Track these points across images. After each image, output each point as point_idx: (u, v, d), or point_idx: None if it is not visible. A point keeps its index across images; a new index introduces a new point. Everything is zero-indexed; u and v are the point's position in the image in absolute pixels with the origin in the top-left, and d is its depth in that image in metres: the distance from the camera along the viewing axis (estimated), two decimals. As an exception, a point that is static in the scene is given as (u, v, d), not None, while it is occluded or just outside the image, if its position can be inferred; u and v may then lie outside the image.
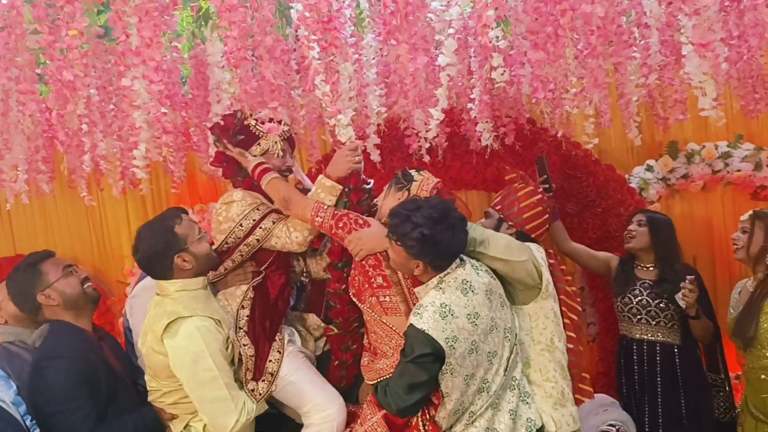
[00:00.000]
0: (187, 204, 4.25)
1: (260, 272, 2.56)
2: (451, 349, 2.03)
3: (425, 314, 2.06)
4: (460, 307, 2.07)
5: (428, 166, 3.68)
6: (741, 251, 2.89)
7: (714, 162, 3.88)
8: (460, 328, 2.05)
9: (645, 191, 3.91)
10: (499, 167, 3.79)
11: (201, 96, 2.92)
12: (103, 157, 3.04)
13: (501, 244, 2.29)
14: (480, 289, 2.13)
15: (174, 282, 2.38)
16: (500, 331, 2.17)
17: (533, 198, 2.57)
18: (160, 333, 2.28)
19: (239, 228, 2.46)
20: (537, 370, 2.41)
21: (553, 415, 2.39)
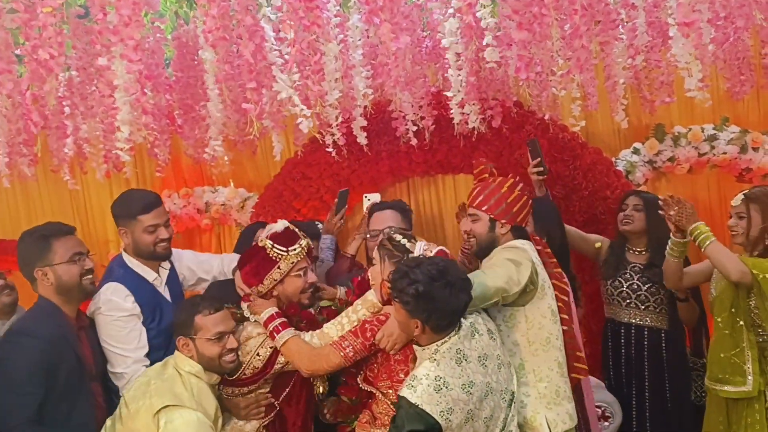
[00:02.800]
0: (173, 188, 4.21)
1: (274, 407, 2.41)
2: (447, 422, 1.99)
3: (419, 388, 2.01)
4: (454, 378, 2.03)
5: (415, 149, 3.69)
6: (740, 237, 2.85)
7: (700, 145, 3.89)
8: (455, 400, 2.01)
9: (631, 174, 3.92)
10: (487, 151, 3.79)
11: (185, 78, 2.88)
12: (85, 140, 3.00)
13: (500, 283, 2.26)
14: (473, 357, 2.09)
15: (191, 363, 2.31)
16: (496, 394, 2.13)
17: (517, 189, 2.53)
18: (156, 409, 2.19)
19: (257, 358, 2.33)
20: (530, 371, 2.40)
21: (547, 415, 2.38)
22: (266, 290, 2.37)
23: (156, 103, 3.07)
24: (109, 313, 2.54)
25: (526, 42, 2.27)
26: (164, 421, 2.17)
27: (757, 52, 3.35)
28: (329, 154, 3.48)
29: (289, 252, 2.35)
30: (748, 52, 3.09)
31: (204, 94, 2.82)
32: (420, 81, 3.00)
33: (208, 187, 4.20)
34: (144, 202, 2.65)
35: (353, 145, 3.64)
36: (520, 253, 2.41)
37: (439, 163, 3.88)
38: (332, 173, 3.84)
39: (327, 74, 2.36)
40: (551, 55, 2.62)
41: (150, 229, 2.61)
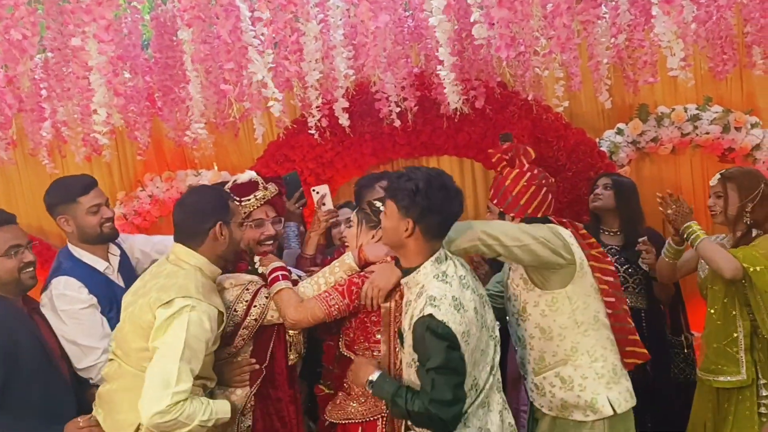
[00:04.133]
0: (155, 171, 4.17)
1: (262, 372, 2.36)
2: (466, 344, 1.96)
3: (443, 307, 1.94)
4: (467, 301, 2.01)
5: (399, 131, 3.67)
6: (720, 216, 2.85)
7: (683, 125, 3.90)
8: (470, 322, 1.99)
9: (615, 155, 3.92)
10: (470, 132, 3.78)
11: (163, 59, 2.84)
12: (63, 122, 2.96)
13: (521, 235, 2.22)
14: (469, 287, 2.08)
15: (196, 255, 2.20)
16: (488, 329, 2.12)
17: (522, 181, 2.42)
18: (160, 303, 2.08)
19: (234, 314, 2.29)
20: (584, 353, 2.34)
21: (608, 395, 2.32)
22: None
23: (135, 85, 3.04)
24: (65, 308, 2.43)
25: (507, 20, 2.25)
26: (170, 312, 2.04)
27: (740, 31, 3.35)
28: (312, 137, 3.47)
29: (242, 202, 2.35)
30: (731, 30, 3.08)
31: (184, 75, 2.79)
32: (402, 61, 2.97)
33: (191, 170, 4.17)
34: (82, 184, 2.56)
35: (336, 127, 3.62)
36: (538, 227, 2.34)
37: (423, 145, 3.87)
38: (315, 156, 3.82)
39: (306, 55, 2.34)
40: (533, 34, 2.60)
41: (93, 209, 2.53)
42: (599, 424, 2.33)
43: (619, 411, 2.33)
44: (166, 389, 1.99)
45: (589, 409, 2.32)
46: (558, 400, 2.37)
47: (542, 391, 2.42)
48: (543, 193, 2.43)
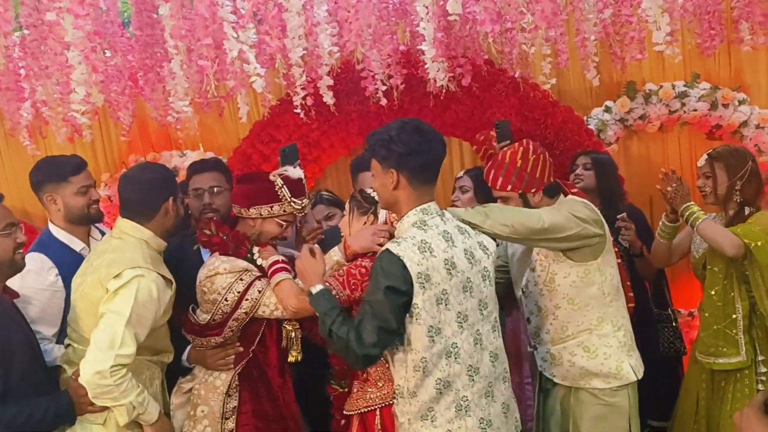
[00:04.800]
0: (140, 153, 4.13)
1: (247, 354, 2.34)
2: (421, 288, 1.89)
3: (403, 243, 1.92)
4: (439, 249, 1.94)
5: (385, 109, 3.64)
6: (710, 196, 2.85)
7: (671, 102, 3.88)
8: (434, 268, 1.91)
9: (603, 133, 3.91)
10: (458, 111, 3.75)
11: (144, 36, 2.79)
12: (43, 102, 2.91)
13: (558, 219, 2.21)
14: (459, 245, 2.00)
15: (142, 229, 2.23)
16: (475, 298, 2.00)
17: (529, 156, 2.39)
18: (110, 277, 2.10)
19: (225, 303, 2.26)
20: (608, 322, 2.38)
21: (630, 362, 2.38)
22: (245, 216, 2.34)
23: (116, 64, 2.99)
24: (29, 285, 2.39)
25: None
26: (120, 283, 2.07)
27: (728, 6, 3.33)
28: (298, 116, 3.43)
29: (292, 202, 2.31)
30: (719, 5, 3.06)
31: (166, 53, 2.74)
32: (387, 38, 2.93)
33: (176, 151, 4.12)
34: (74, 164, 2.55)
35: (322, 106, 3.58)
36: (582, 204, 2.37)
37: (410, 124, 3.82)
38: (301, 135, 3.78)
39: (290, 31, 2.30)
40: (519, 9, 2.58)
41: (82, 190, 2.52)
42: (623, 391, 2.38)
43: (639, 377, 2.40)
44: (110, 351, 2.03)
45: (612, 377, 2.37)
46: (577, 369, 2.39)
47: (559, 360, 2.43)
48: (548, 159, 2.46)
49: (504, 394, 2.07)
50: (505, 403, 2.08)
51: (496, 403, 2.04)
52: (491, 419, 2.01)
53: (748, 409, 1.12)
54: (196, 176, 2.68)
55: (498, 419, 2.03)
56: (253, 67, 2.14)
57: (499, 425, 2.02)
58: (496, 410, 2.03)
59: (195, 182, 2.67)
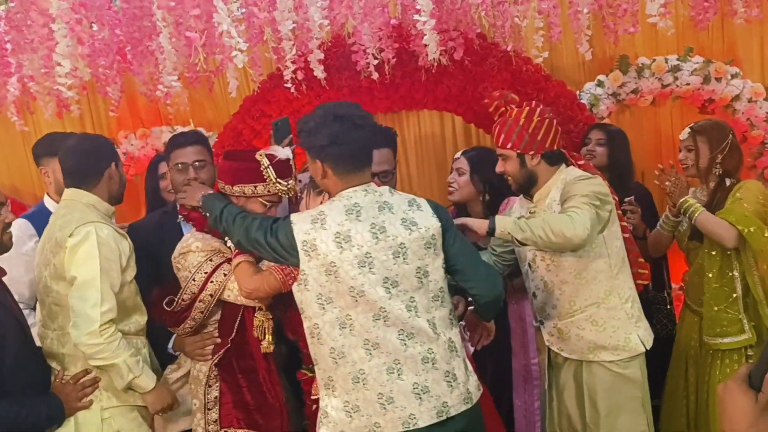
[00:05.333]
0: (129, 128, 4.09)
1: (226, 343, 2.29)
2: (306, 255, 1.91)
3: (305, 213, 1.99)
4: (334, 222, 1.92)
5: (377, 84, 3.61)
6: (691, 169, 2.89)
7: (664, 76, 3.87)
8: (323, 240, 1.90)
9: (595, 107, 3.90)
10: (450, 85, 3.72)
11: (131, 9, 2.74)
12: (30, 77, 2.87)
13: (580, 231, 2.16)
14: (366, 221, 1.93)
15: (88, 194, 2.29)
16: (378, 275, 1.91)
17: (535, 116, 2.39)
18: (65, 237, 2.16)
19: (192, 283, 2.24)
20: (616, 294, 2.39)
21: (639, 333, 2.40)
22: (229, 194, 2.29)
23: (103, 38, 2.94)
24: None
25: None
26: (77, 239, 2.13)
27: (721, -22, 3.31)
28: (289, 91, 3.40)
29: (277, 182, 2.26)
30: (712, -23, 3.04)
31: (154, 27, 2.70)
32: (378, 11, 2.90)
33: (166, 127, 4.09)
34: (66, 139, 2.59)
35: (313, 80, 3.55)
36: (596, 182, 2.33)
37: (402, 99, 3.80)
38: (292, 110, 3.73)
39: (279, 3, 2.26)
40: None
41: None
42: (634, 361, 2.40)
43: (648, 347, 2.42)
44: (93, 310, 2.09)
45: (620, 349, 2.38)
46: (586, 343, 2.40)
47: (566, 335, 2.44)
48: (555, 126, 2.44)
49: (421, 374, 1.94)
50: (420, 384, 1.94)
51: (404, 382, 1.93)
52: (393, 396, 1.92)
53: (731, 382, 1.11)
54: (177, 150, 2.64)
55: (404, 398, 1.92)
56: (235, 41, 2.10)
57: (404, 404, 1.92)
58: (401, 388, 1.92)
59: (177, 156, 2.63)
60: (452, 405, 1.96)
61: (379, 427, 1.92)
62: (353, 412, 1.94)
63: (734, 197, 2.73)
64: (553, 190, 2.42)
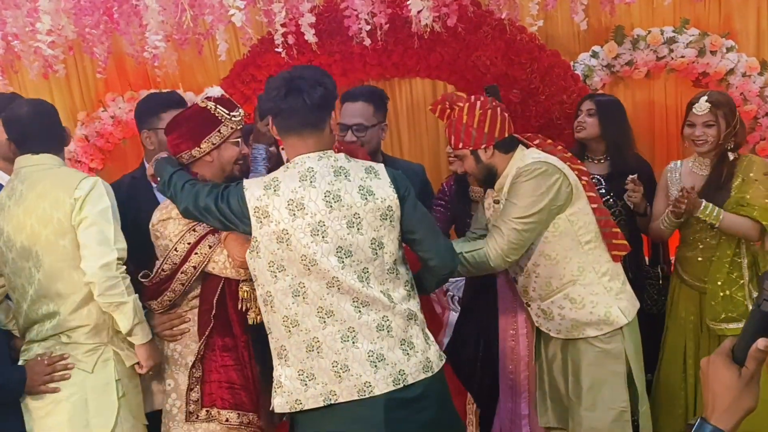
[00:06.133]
0: (117, 90, 4.03)
1: (209, 321, 2.19)
2: (258, 222, 1.89)
3: (258, 180, 1.98)
4: (287, 189, 1.90)
5: (369, 50, 3.56)
6: (708, 145, 2.76)
7: (659, 48, 3.83)
8: (275, 207, 1.89)
9: (589, 78, 3.86)
10: (443, 53, 3.67)
11: (118, -32, 2.68)
12: (15, 35, 2.80)
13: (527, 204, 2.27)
14: (320, 188, 1.90)
15: (57, 158, 2.26)
16: (331, 244, 1.89)
17: (476, 111, 2.36)
18: (72, 189, 2.14)
19: (174, 253, 2.16)
20: (590, 270, 2.37)
21: (619, 306, 2.38)
22: (200, 155, 2.22)
23: (89, -4, 2.87)
24: None
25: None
26: (84, 190, 2.14)
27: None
28: (279, 55, 3.35)
29: (232, 117, 2.22)
30: (711, -53, 2.99)
31: (141, -15, 2.64)
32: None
33: (154, 90, 4.02)
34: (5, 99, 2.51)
35: (304, 45, 3.50)
36: (540, 179, 2.31)
37: (395, 65, 3.76)
38: (283, 75, 3.69)
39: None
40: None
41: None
42: (617, 336, 2.40)
43: (630, 318, 2.41)
44: (108, 245, 2.10)
45: (602, 323, 2.38)
46: (568, 321, 2.41)
47: (550, 315, 2.45)
48: (500, 114, 2.40)
49: (376, 341, 1.91)
50: (375, 352, 1.91)
51: (359, 350, 1.90)
52: (348, 364, 1.89)
53: (714, 356, 1.12)
54: (165, 114, 2.55)
55: (360, 366, 1.89)
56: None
57: (360, 372, 1.89)
58: (356, 356, 1.90)
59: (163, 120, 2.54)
60: (410, 373, 1.93)
61: (335, 395, 1.90)
62: (308, 380, 1.92)
63: (746, 177, 2.68)
64: (508, 178, 2.39)
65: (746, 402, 1.07)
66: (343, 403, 1.89)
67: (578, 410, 2.42)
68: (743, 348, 1.07)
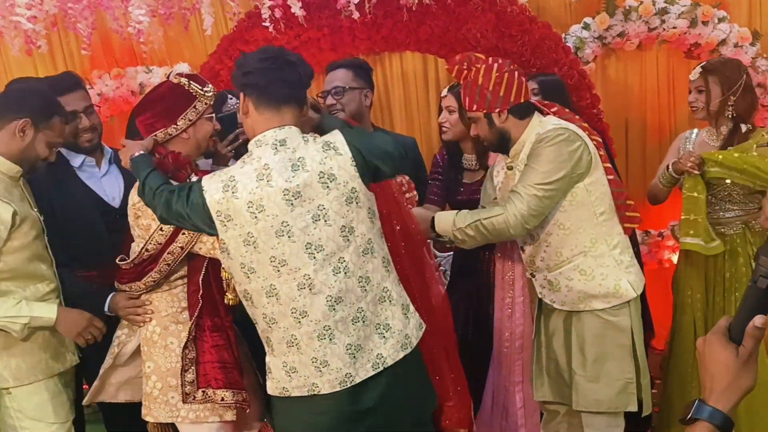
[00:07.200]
0: (103, 67, 3.96)
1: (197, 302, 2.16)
2: (223, 226, 1.86)
3: (215, 176, 1.91)
4: (245, 190, 1.84)
5: (358, 24, 3.51)
6: (701, 111, 2.78)
7: (651, 19, 3.78)
8: (236, 210, 1.84)
9: (581, 51, 3.82)
10: (433, 26, 3.63)
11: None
12: (-4, 11, 2.75)
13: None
14: (278, 186, 1.84)
15: None
16: (299, 242, 1.85)
17: (493, 73, 2.30)
18: None
19: (160, 232, 2.10)
20: (602, 241, 2.35)
21: (629, 279, 2.36)
22: (177, 132, 2.18)
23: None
24: None
25: None
26: None
27: None
28: (267, 30, 3.31)
29: (204, 92, 2.19)
30: None
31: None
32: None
33: (141, 67, 3.96)
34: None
35: (292, 20, 3.46)
36: (563, 145, 2.26)
37: (384, 39, 3.71)
38: (271, 50, 3.64)
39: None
40: None
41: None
42: (624, 309, 2.38)
43: (638, 292, 2.40)
44: None
45: (611, 296, 2.36)
46: (575, 293, 2.38)
47: (556, 286, 2.42)
48: (517, 78, 2.34)
49: (353, 334, 1.92)
50: (353, 344, 1.92)
51: (337, 345, 1.90)
52: (327, 360, 1.90)
53: (710, 335, 1.09)
54: (65, 96, 2.47)
55: (339, 360, 1.91)
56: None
57: (339, 366, 1.91)
58: (334, 351, 1.90)
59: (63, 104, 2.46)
60: (388, 355, 1.95)
61: (317, 387, 1.93)
62: (291, 372, 1.95)
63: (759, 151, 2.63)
64: (526, 144, 2.36)
65: (745, 381, 1.04)
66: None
67: (582, 382, 2.41)
68: (740, 326, 1.05)
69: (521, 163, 2.37)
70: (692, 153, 2.75)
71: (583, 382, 2.40)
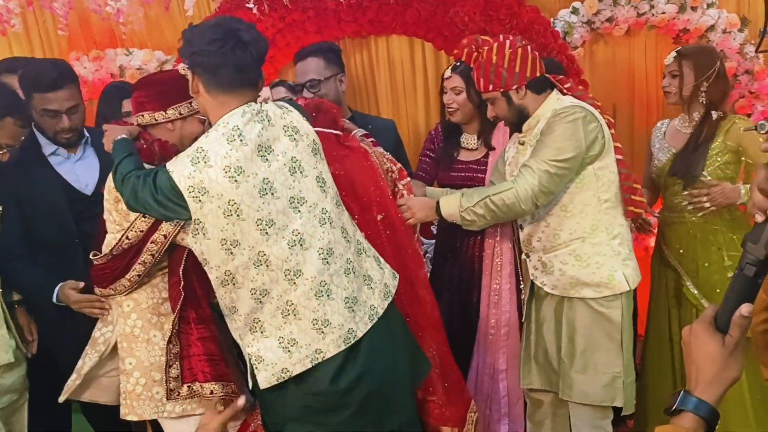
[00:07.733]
0: (82, 49, 3.86)
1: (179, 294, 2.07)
2: (197, 202, 1.74)
3: (180, 156, 1.81)
4: (219, 156, 1.75)
5: (344, 6, 3.45)
6: (674, 96, 2.78)
7: (639, 4, 3.75)
8: (212, 179, 1.74)
9: (569, 36, 3.78)
10: (420, 9, 3.57)
11: None
12: (-33, -11, 2.66)
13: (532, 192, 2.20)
14: (251, 144, 1.78)
15: None
16: (282, 198, 1.81)
17: (506, 50, 2.28)
18: None
19: (141, 219, 2.00)
20: (603, 229, 2.31)
21: (625, 272, 2.33)
22: (163, 120, 2.10)
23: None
24: None
25: None
26: None
27: None
28: (251, 12, 3.24)
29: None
30: None
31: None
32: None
33: (121, 49, 3.86)
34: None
35: (276, 1, 3.39)
36: (579, 123, 2.22)
37: (370, 22, 3.65)
38: (255, 33, 3.57)
39: None
40: None
41: None
42: (617, 301, 2.34)
43: (633, 287, 2.36)
44: None
45: (603, 286, 2.32)
46: (568, 278, 2.35)
47: (549, 269, 2.39)
48: (531, 53, 2.32)
49: (348, 287, 1.89)
50: (350, 297, 1.89)
51: (335, 300, 1.87)
52: (328, 318, 1.85)
53: (696, 324, 1.06)
54: (48, 94, 2.41)
55: (340, 316, 1.86)
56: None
57: (341, 322, 1.86)
58: (335, 307, 1.86)
59: (44, 101, 2.41)
60: (378, 305, 1.96)
61: (321, 352, 1.85)
62: (291, 345, 1.86)
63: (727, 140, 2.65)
64: (542, 119, 2.32)
65: (731, 372, 1.02)
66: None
67: (569, 372, 2.39)
68: (726, 315, 1.03)
69: (534, 138, 2.33)
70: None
71: (571, 372, 2.38)
